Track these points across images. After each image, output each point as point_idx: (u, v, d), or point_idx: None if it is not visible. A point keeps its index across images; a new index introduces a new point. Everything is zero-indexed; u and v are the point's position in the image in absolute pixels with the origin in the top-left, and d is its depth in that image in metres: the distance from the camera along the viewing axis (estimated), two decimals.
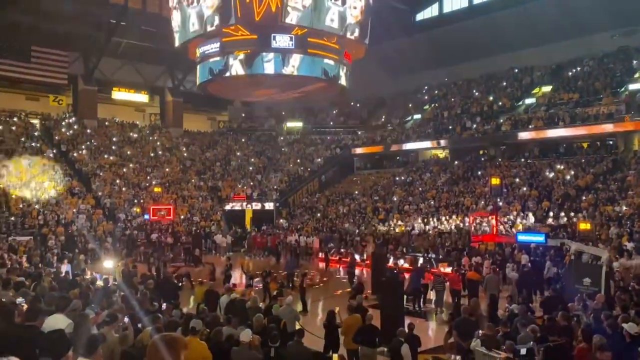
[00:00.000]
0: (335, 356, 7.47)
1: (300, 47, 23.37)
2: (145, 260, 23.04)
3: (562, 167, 28.13)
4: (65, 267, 16.78)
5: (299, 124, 45.44)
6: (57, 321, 5.97)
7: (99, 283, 13.38)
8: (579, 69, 33.55)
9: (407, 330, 9.53)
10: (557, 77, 34.46)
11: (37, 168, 30.45)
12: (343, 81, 25.74)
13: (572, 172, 26.96)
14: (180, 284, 16.75)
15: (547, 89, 33.71)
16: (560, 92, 32.17)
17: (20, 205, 26.92)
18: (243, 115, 48.20)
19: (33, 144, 33.19)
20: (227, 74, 23.03)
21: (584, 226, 20.72)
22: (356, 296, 12.08)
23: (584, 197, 24.22)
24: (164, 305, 11.68)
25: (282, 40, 23.06)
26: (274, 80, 25.68)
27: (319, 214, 34.31)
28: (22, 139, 33.11)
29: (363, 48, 26.58)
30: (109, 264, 18.61)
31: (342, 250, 26.16)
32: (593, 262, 15.23)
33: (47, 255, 21.02)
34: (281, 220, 34.39)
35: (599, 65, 32.57)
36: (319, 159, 40.84)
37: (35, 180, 29.20)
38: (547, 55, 34.29)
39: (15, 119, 35.38)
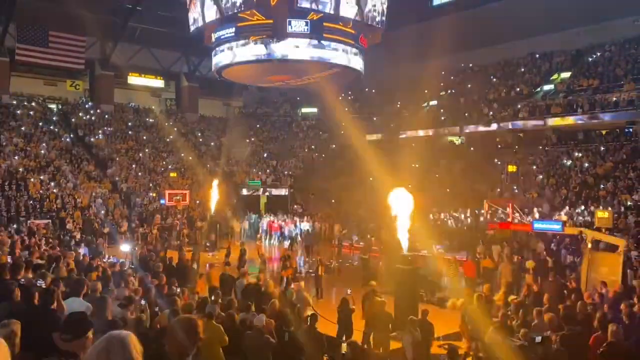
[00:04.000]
0: (343, 345, 7.48)
1: (315, 32, 23.24)
2: (161, 245, 23.27)
3: (579, 154, 27.75)
4: (83, 251, 17.02)
5: (313, 110, 45.26)
6: (73, 304, 6.05)
7: (117, 266, 13.56)
8: (599, 54, 32.91)
9: (420, 317, 9.53)
10: (576, 63, 33.84)
11: (54, 152, 30.82)
12: (358, 67, 25.54)
13: (590, 160, 26.58)
14: (196, 268, 16.91)
15: (565, 75, 33.15)
16: (580, 78, 31.62)
17: (40, 188, 27.25)
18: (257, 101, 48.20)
19: (51, 129, 33.55)
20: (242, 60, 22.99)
21: (602, 215, 20.47)
22: (369, 283, 12.14)
23: (602, 186, 23.88)
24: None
25: (297, 26, 22.98)
26: (288, 66, 25.61)
27: (333, 201, 34.27)
28: (40, 123, 33.48)
29: (379, 33, 26.34)
30: (125, 247, 18.84)
31: (356, 236, 26.17)
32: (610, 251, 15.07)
33: (65, 238, 21.34)
34: (295, 206, 34.45)
35: (620, 50, 31.92)
36: (334, 145, 40.73)
37: (53, 165, 29.58)
38: (566, 41, 33.65)
39: (33, 104, 35.75)
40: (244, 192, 35.17)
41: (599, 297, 11.05)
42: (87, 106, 38.24)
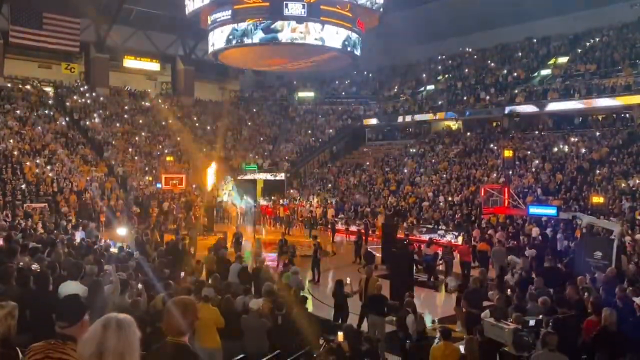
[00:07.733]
0: (340, 334, 7.50)
1: (312, 15, 23.02)
2: (157, 228, 23.27)
3: (576, 139, 27.78)
4: (79, 234, 17.02)
5: (310, 94, 45.08)
6: (70, 288, 6.08)
7: (113, 250, 13.59)
8: (597, 39, 32.77)
9: (407, 299, 9.58)
10: (574, 47, 33.73)
11: (50, 135, 30.65)
12: (355, 50, 25.34)
13: (586, 145, 26.62)
14: (193, 252, 16.97)
15: (563, 60, 33.06)
16: (577, 63, 31.55)
17: (36, 172, 27.11)
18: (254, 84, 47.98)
19: (46, 112, 33.35)
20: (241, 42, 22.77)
21: (597, 199, 20.55)
22: (365, 267, 12.18)
23: (597, 171, 23.95)
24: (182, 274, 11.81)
25: (294, 8, 22.75)
26: (285, 49, 25.43)
27: (329, 185, 34.35)
28: (35, 106, 33.23)
29: (377, 16, 26.13)
30: (122, 231, 18.84)
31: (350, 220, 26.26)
32: (605, 236, 15.16)
33: (62, 222, 21.30)
34: (292, 191, 34.48)
35: (618, 35, 31.80)
36: (331, 130, 40.67)
37: (48, 148, 29.43)
38: (564, 26, 33.52)
39: (28, 87, 35.45)
40: (241, 176, 35.09)
41: (591, 282, 11.14)
42: (82, 89, 37.97)
